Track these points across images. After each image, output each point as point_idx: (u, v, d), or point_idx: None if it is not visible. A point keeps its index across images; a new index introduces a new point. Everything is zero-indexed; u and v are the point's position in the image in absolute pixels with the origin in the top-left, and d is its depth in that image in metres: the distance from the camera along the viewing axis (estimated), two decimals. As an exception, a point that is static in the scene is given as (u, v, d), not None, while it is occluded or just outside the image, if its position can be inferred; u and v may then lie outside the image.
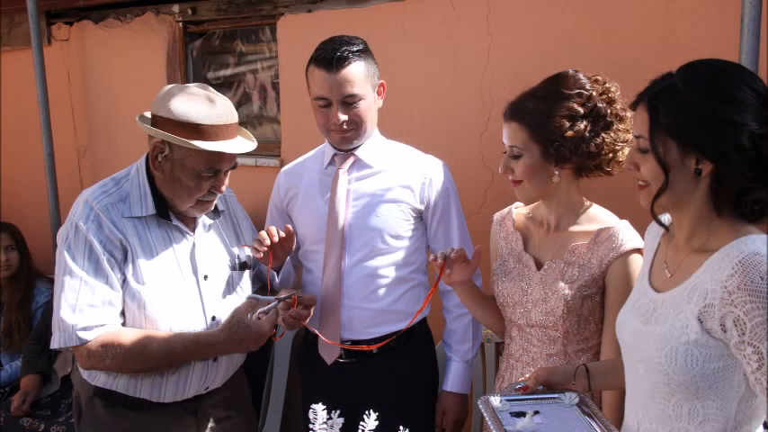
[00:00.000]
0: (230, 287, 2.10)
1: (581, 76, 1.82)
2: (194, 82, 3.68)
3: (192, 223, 2.05)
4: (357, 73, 2.07)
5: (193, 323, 2.00)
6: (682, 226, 1.45)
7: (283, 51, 3.27)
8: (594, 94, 1.80)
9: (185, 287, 1.99)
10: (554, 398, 1.63)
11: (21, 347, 3.35)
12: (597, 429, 1.50)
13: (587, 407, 1.59)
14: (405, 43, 2.93)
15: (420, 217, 2.24)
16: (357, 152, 2.20)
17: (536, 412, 1.57)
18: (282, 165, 3.21)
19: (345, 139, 2.15)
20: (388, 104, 2.28)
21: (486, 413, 1.56)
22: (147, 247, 1.95)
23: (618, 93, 1.83)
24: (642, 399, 1.48)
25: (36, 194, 4.13)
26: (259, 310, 1.97)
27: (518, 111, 1.82)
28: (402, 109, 2.88)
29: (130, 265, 1.93)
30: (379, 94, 2.19)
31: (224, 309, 2.04)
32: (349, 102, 2.09)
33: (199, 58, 3.69)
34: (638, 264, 1.77)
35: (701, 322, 1.34)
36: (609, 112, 1.80)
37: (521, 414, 1.56)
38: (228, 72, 3.64)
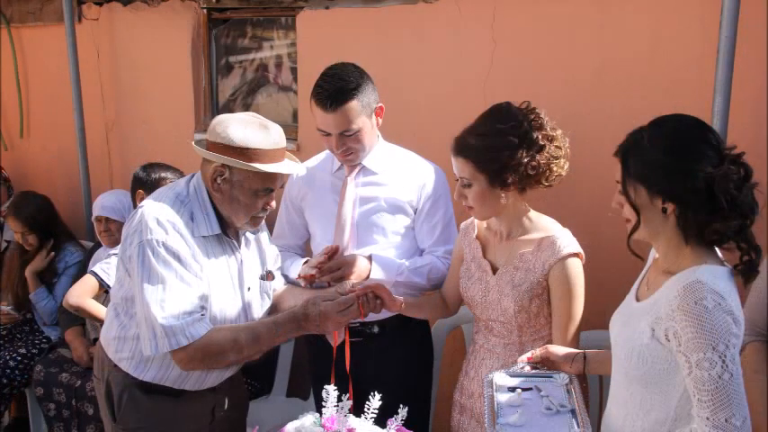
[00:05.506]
0: (261, 295, 2.25)
1: (513, 108, 2.02)
2: (217, 66, 3.86)
3: (238, 239, 2.18)
4: (352, 111, 2.22)
5: None
6: (659, 251, 1.71)
7: (302, 43, 3.42)
8: (525, 123, 1.99)
9: (236, 299, 2.12)
10: (548, 376, 1.91)
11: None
12: (575, 426, 1.73)
13: (573, 387, 1.85)
14: (416, 44, 3.05)
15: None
16: (362, 161, 2.38)
17: (527, 389, 1.84)
18: (299, 148, 3.36)
19: (348, 160, 2.35)
20: (393, 103, 2.39)
21: (487, 400, 1.82)
22: (211, 263, 2.05)
23: (546, 118, 2.02)
24: (614, 387, 1.77)
25: (67, 165, 4.30)
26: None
27: (463, 147, 2.02)
28: (407, 108, 3.01)
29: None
30: (377, 115, 2.33)
31: (259, 316, 2.20)
32: (347, 134, 2.26)
33: (222, 43, 3.81)
34: (574, 266, 2.02)
35: (653, 330, 1.60)
36: (540, 136, 1.99)
37: (515, 390, 1.84)
38: (250, 57, 3.77)
